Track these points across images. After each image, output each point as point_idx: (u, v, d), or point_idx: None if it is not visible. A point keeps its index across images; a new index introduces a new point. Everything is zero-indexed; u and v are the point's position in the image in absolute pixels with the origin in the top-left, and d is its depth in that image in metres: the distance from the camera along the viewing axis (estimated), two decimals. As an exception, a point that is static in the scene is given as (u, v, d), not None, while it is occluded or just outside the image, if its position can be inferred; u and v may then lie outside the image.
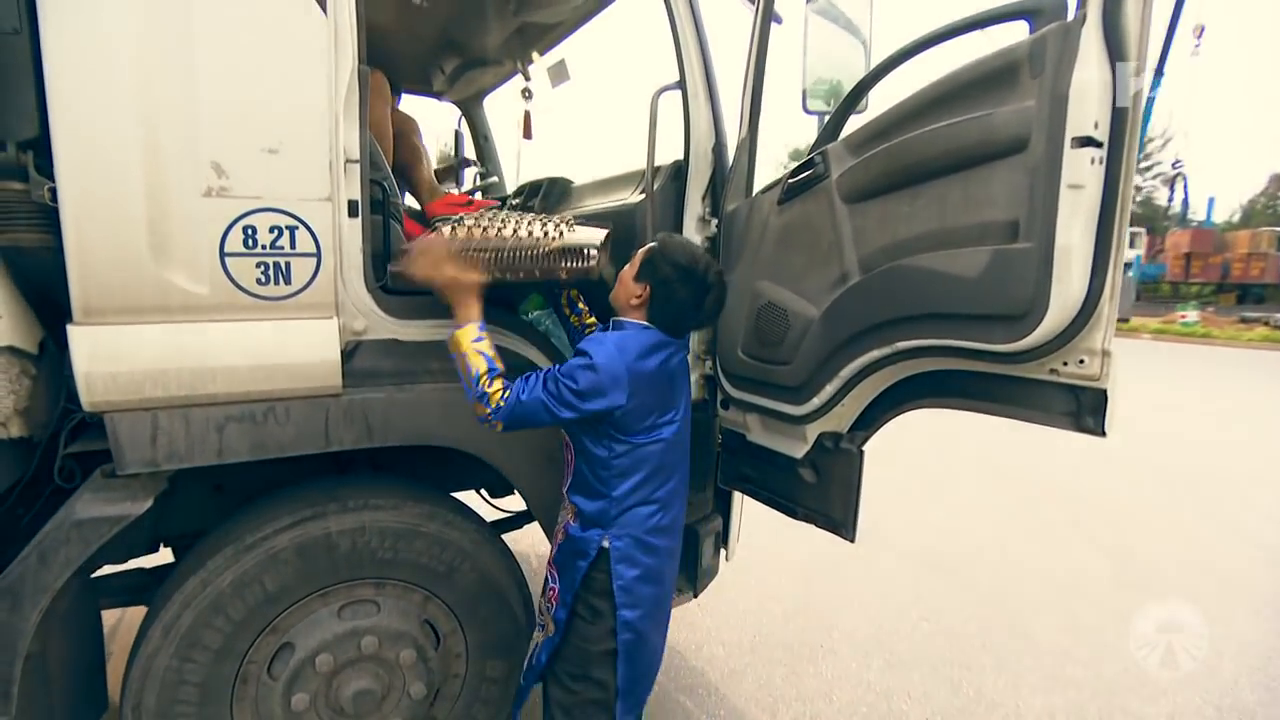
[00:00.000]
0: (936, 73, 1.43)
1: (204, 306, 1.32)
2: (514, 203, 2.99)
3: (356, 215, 1.46)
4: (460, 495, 1.93)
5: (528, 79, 2.87)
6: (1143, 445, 5.87)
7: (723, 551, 2.27)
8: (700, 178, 2.06)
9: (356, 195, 1.46)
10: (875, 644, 2.76)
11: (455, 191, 3.22)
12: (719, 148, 2.04)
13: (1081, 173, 1.14)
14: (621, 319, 1.56)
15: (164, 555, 1.99)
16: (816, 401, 1.72)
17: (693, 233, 2.10)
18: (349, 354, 1.48)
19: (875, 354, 1.54)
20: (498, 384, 1.38)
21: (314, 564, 1.50)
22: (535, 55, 2.79)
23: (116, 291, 1.25)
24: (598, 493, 1.49)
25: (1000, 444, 5.65)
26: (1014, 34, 1.28)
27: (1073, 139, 1.14)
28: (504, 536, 1.96)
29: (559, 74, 2.82)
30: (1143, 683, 2.53)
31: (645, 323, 1.53)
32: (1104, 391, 1.22)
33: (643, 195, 2.17)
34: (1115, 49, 1.12)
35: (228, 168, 1.30)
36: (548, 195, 2.81)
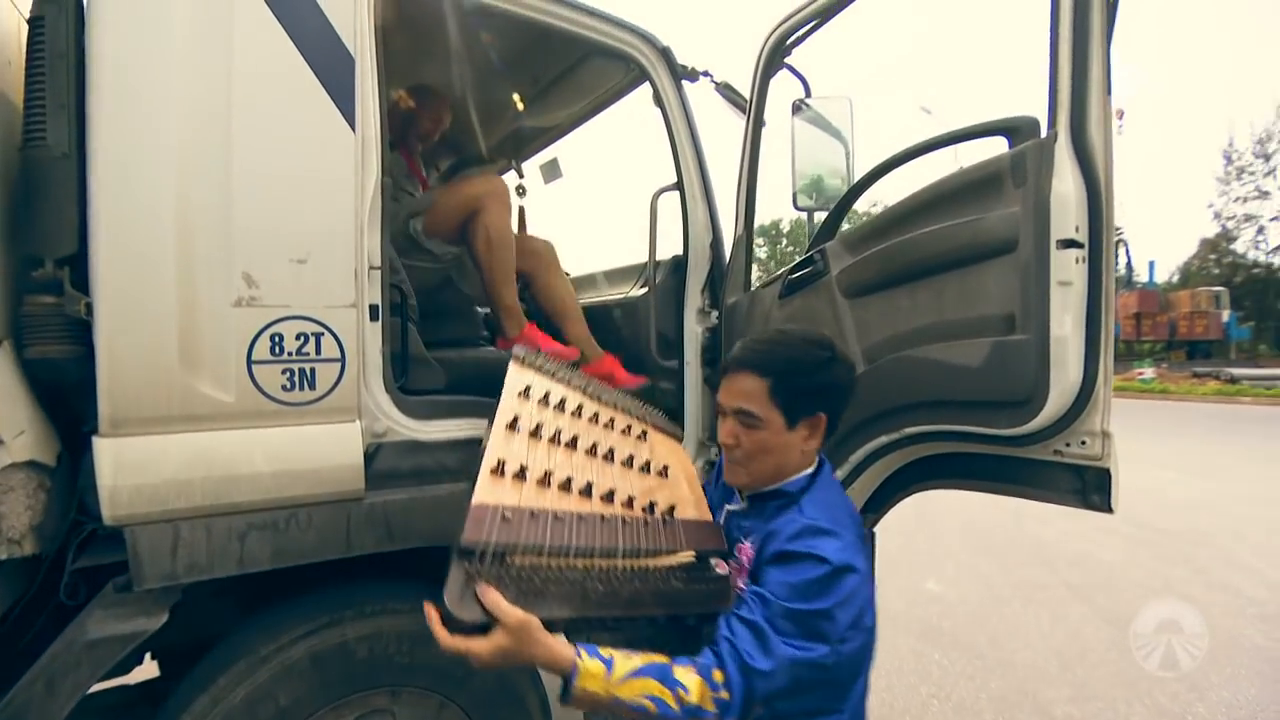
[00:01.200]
0: (918, 176, 1.58)
1: (230, 414, 1.32)
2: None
3: (378, 319, 1.51)
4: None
5: (521, 176, 3.02)
6: (1122, 503, 5.98)
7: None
8: (699, 272, 2.16)
9: (378, 300, 1.50)
10: (888, 727, 2.70)
11: None
12: (716, 243, 2.16)
13: (1068, 271, 1.24)
14: (797, 476, 1.16)
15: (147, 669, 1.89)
16: (827, 485, 1.76)
17: (694, 324, 2.19)
18: (370, 456, 1.48)
19: (884, 439, 1.60)
20: (693, 682, 0.95)
21: (330, 674, 1.45)
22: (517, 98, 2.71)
23: (145, 403, 1.25)
24: (826, 710, 1.06)
25: (981, 509, 5.71)
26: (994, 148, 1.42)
27: (1057, 241, 1.25)
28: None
29: (551, 171, 2.96)
30: (1158, 755, 2.51)
31: (816, 460, 1.17)
32: (1107, 471, 1.29)
33: (644, 289, 2.26)
34: (1085, 162, 1.26)
35: (258, 278, 1.34)
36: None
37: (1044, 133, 1.30)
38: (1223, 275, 31.40)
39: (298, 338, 1.38)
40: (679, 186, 2.11)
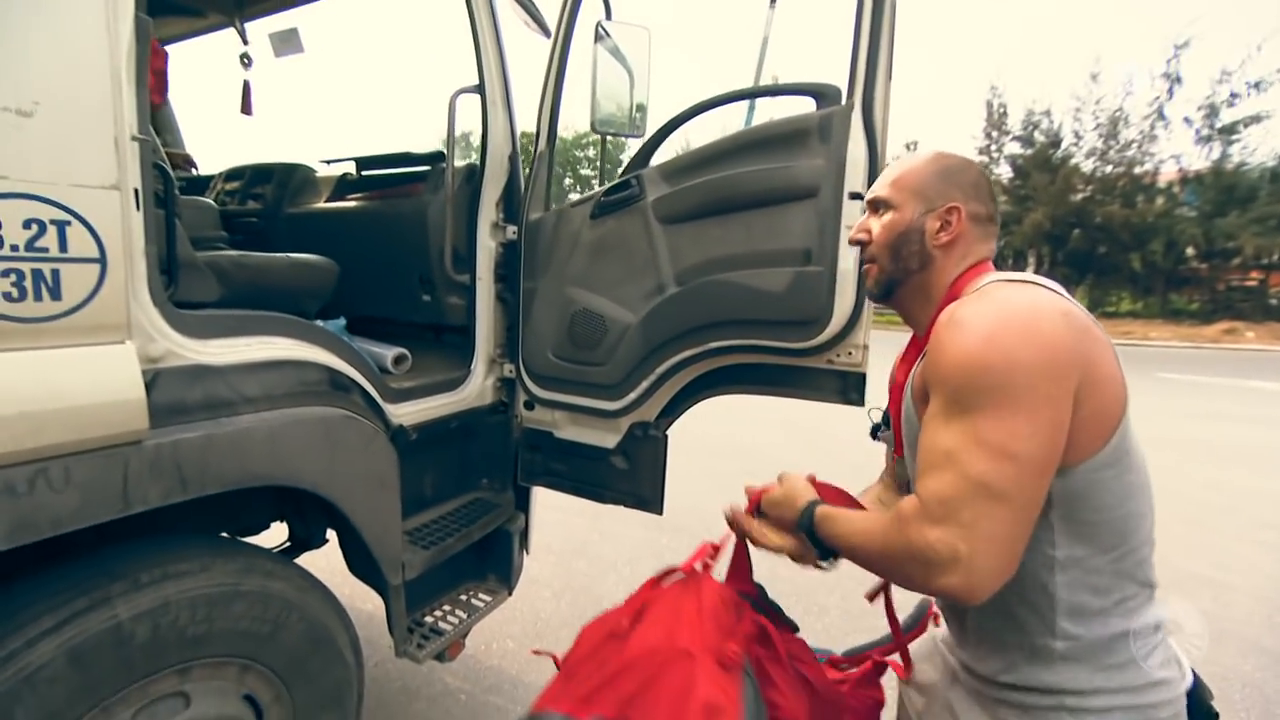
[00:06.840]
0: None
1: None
2: (227, 187, 2.49)
3: (140, 209, 1.14)
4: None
5: (246, 42, 2.40)
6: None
7: (524, 548, 2.34)
8: (495, 184, 2.07)
9: (138, 183, 1.14)
10: (636, 603, 3.14)
11: None
12: (514, 156, 2.08)
13: (853, 217, 1.56)
14: None
15: None
16: (632, 396, 1.94)
17: (487, 238, 2.11)
18: (150, 386, 1.15)
19: (689, 353, 1.82)
20: None
21: (98, 670, 1.13)
22: None
23: None
24: None
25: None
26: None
27: (849, 193, 1.56)
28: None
29: (287, 42, 2.42)
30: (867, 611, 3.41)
31: None
32: (863, 374, 1.69)
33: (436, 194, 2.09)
34: (870, 131, 1.57)
35: (-54, 132, 0.91)
36: (283, 186, 2.40)
37: (844, 100, 1.58)
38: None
39: (27, 226, 0.98)
40: (480, 90, 1.97)
